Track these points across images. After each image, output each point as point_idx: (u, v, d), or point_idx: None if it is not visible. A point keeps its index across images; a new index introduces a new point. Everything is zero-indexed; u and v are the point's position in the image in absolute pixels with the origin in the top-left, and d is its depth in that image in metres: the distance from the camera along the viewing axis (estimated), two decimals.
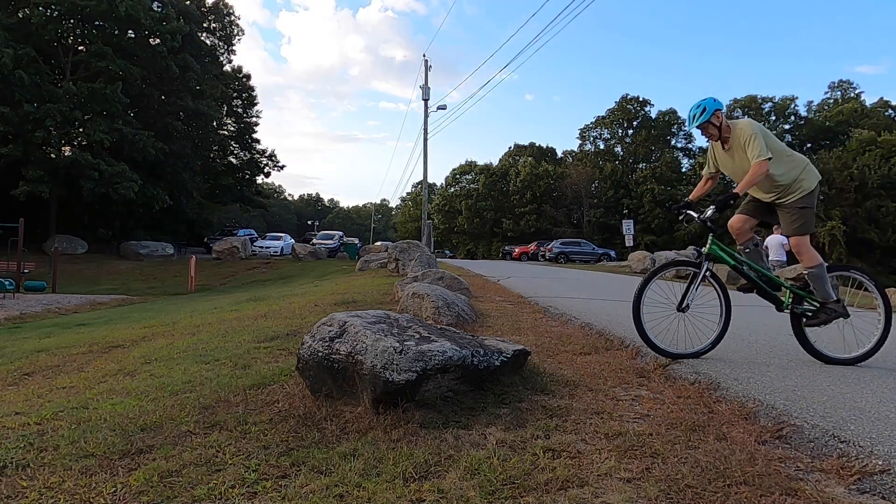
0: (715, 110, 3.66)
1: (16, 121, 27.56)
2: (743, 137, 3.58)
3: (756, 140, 3.51)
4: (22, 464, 1.98)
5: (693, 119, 3.70)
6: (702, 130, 3.74)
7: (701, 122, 3.66)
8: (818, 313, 3.68)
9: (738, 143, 3.64)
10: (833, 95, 62.64)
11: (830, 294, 3.67)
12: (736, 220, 3.87)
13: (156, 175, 34.44)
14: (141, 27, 31.54)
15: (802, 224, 3.65)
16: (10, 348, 6.53)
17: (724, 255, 3.67)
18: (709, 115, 3.64)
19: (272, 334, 4.50)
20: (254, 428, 2.27)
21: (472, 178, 67.32)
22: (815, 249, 3.68)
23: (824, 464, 1.99)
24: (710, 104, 3.66)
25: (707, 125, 3.68)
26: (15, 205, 28.57)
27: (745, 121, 3.71)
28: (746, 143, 3.56)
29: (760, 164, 3.48)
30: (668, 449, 2.05)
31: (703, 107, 3.67)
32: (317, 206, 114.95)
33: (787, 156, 3.71)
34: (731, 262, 3.69)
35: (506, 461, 1.93)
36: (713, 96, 3.71)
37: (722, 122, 3.70)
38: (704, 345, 3.63)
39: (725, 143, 3.73)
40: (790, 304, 3.73)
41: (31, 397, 3.30)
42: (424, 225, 28.14)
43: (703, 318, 3.67)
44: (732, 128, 3.68)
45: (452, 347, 2.51)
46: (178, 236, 40.22)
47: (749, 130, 3.57)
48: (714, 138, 3.75)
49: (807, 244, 3.64)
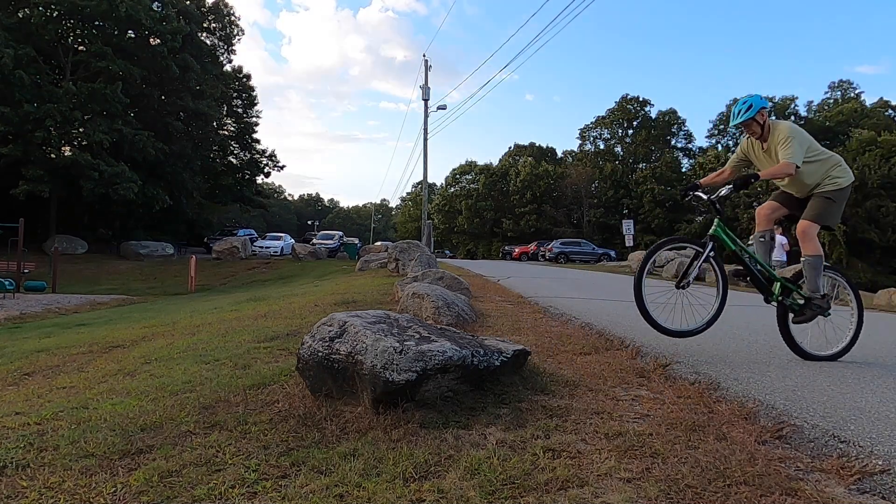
0: (760, 108, 3.67)
1: (16, 121, 27.57)
2: (780, 138, 3.62)
3: (791, 143, 3.56)
4: (22, 464, 1.98)
5: (737, 115, 3.71)
6: (745, 128, 3.75)
7: (746, 118, 3.67)
8: (804, 309, 3.72)
9: (774, 143, 3.68)
10: (833, 95, 62.66)
11: (819, 288, 3.70)
12: (766, 206, 3.92)
13: (156, 175, 34.45)
14: (141, 27, 31.55)
15: (822, 213, 3.67)
16: (10, 348, 6.53)
17: (726, 239, 3.68)
18: (754, 113, 3.66)
19: (272, 334, 4.50)
20: (254, 428, 2.27)
21: (472, 178, 67.33)
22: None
23: (824, 464, 1.99)
24: (758, 101, 3.68)
25: (751, 122, 3.70)
26: (15, 205, 28.58)
27: (785, 122, 3.75)
28: (781, 144, 3.60)
29: (789, 165, 3.53)
30: (668, 449, 2.05)
31: (749, 104, 3.68)
32: (317, 206, 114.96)
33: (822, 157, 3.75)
34: (732, 246, 3.70)
35: (506, 461, 1.93)
36: (760, 94, 3.75)
37: (766, 120, 3.72)
38: (700, 324, 3.66)
39: (765, 142, 3.76)
40: (779, 296, 3.76)
41: (31, 397, 3.30)
42: (424, 225, 28.14)
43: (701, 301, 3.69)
44: (773, 128, 3.71)
45: (452, 347, 2.51)
46: (178, 236, 40.23)
47: (787, 133, 3.62)
48: (756, 136, 3.77)
49: (815, 232, 3.65)
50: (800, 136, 3.63)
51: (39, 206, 30.86)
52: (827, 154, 3.81)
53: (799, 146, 3.57)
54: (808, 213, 3.69)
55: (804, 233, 3.65)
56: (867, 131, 50.70)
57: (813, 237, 3.65)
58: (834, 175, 3.71)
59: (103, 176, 29.18)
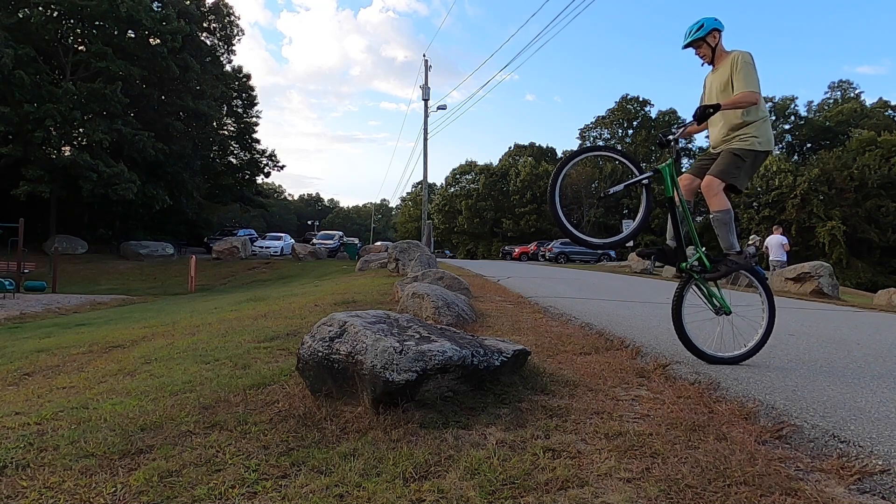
0: (713, 28, 3.45)
1: (16, 121, 27.59)
2: (737, 65, 3.38)
3: (750, 70, 3.34)
4: (22, 464, 1.98)
5: (688, 34, 3.49)
6: (696, 49, 3.53)
7: (696, 37, 3.46)
8: (719, 265, 3.48)
9: (726, 69, 3.44)
10: (833, 95, 62.72)
11: (734, 244, 3.50)
12: (684, 177, 3.70)
13: (156, 175, 34.48)
14: (141, 27, 31.56)
15: (729, 169, 3.42)
16: (10, 348, 6.53)
17: (668, 181, 3.42)
18: (705, 33, 3.45)
19: (272, 334, 4.50)
20: (254, 428, 2.27)
21: (472, 178, 67.37)
22: (815, 249, 3.59)
23: (824, 464, 1.99)
24: (710, 22, 3.46)
25: (701, 43, 3.48)
26: (15, 205, 28.61)
27: (743, 50, 3.46)
28: (736, 71, 3.35)
29: (751, 94, 3.30)
30: (668, 449, 2.05)
31: (701, 23, 3.46)
32: (317, 206, 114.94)
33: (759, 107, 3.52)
34: (671, 192, 3.44)
35: (506, 461, 1.93)
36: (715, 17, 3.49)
37: (718, 43, 3.50)
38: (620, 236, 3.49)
39: (715, 67, 3.55)
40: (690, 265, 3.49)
41: (31, 397, 3.30)
42: (424, 225, 28.15)
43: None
44: (727, 54, 3.49)
45: (452, 347, 2.51)
46: (178, 236, 40.25)
47: (745, 59, 3.38)
48: (707, 59, 3.55)
49: (720, 188, 3.41)
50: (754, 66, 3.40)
51: (39, 206, 30.86)
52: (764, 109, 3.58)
53: (754, 73, 3.33)
54: (715, 168, 3.46)
55: (708, 187, 3.41)
56: (867, 131, 50.73)
57: (718, 192, 3.41)
58: (753, 134, 3.46)
59: (102, 176, 29.19)
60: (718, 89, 3.51)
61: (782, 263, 14.90)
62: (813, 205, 45.61)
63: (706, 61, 3.58)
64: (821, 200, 45.96)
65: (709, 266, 3.51)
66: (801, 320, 6.35)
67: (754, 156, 3.48)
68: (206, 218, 44.93)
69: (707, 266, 3.51)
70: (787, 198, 46.79)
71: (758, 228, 41.26)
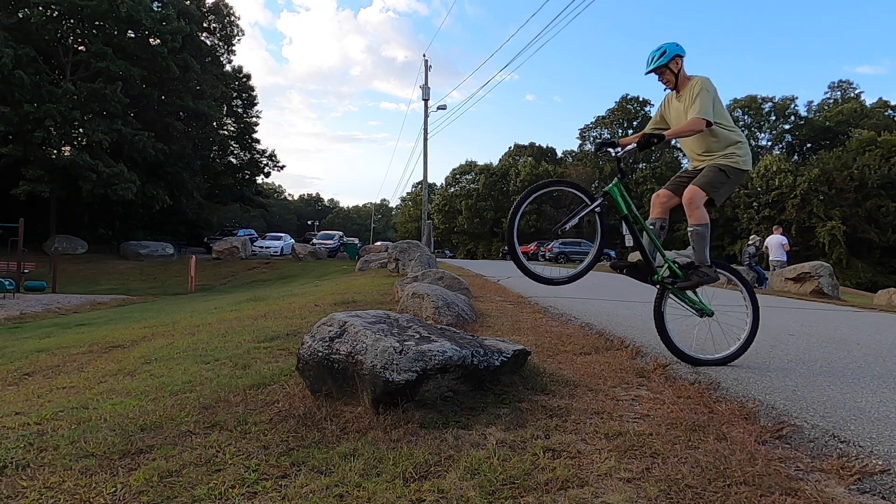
0: (675, 55, 3.46)
1: (16, 121, 27.60)
2: (695, 90, 3.40)
3: (705, 97, 3.34)
4: (22, 464, 1.98)
5: (651, 61, 3.50)
6: (659, 75, 3.54)
7: (659, 64, 3.47)
8: (690, 275, 3.48)
9: (687, 95, 3.47)
10: (833, 95, 62.70)
11: (707, 259, 3.50)
12: (661, 193, 3.69)
13: (156, 175, 34.48)
14: (141, 27, 31.56)
15: (713, 182, 3.42)
16: (10, 348, 6.53)
17: (620, 201, 3.42)
18: (668, 59, 3.46)
19: (272, 334, 4.50)
20: (254, 428, 2.27)
21: (472, 178, 67.37)
22: (815, 249, 3.58)
23: (824, 464, 1.99)
24: (672, 48, 3.47)
25: (664, 70, 3.49)
26: (15, 205, 28.61)
27: (701, 76, 3.48)
28: (694, 97, 3.37)
29: (698, 122, 3.31)
30: (668, 449, 2.05)
31: (664, 49, 3.47)
32: (317, 206, 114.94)
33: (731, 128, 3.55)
34: (624, 210, 3.43)
35: (506, 461, 1.93)
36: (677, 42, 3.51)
37: (680, 69, 3.52)
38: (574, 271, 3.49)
39: (679, 95, 3.56)
40: (662, 278, 3.51)
41: (31, 397, 3.30)
42: (424, 225, 28.15)
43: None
44: (688, 79, 3.51)
45: (452, 347, 2.51)
46: (178, 236, 40.25)
47: (702, 85, 3.40)
48: (670, 85, 3.57)
49: (702, 201, 3.42)
50: (713, 92, 3.41)
51: (39, 206, 30.87)
52: (735, 128, 3.60)
53: (710, 102, 3.33)
54: (700, 180, 3.45)
55: (691, 200, 3.39)
56: (867, 131, 50.70)
57: (700, 205, 3.41)
58: (736, 152, 3.49)
59: (102, 176, 29.18)
60: (682, 115, 3.53)
61: (782, 263, 14.90)
62: (813, 205, 45.60)
63: (669, 87, 3.60)
64: (821, 200, 45.97)
65: (680, 275, 3.53)
66: (801, 320, 6.35)
67: (737, 174, 3.51)
68: (206, 218, 44.93)
69: (679, 275, 3.53)
70: (787, 198, 46.78)
71: (758, 228, 41.24)
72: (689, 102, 3.43)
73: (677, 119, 3.57)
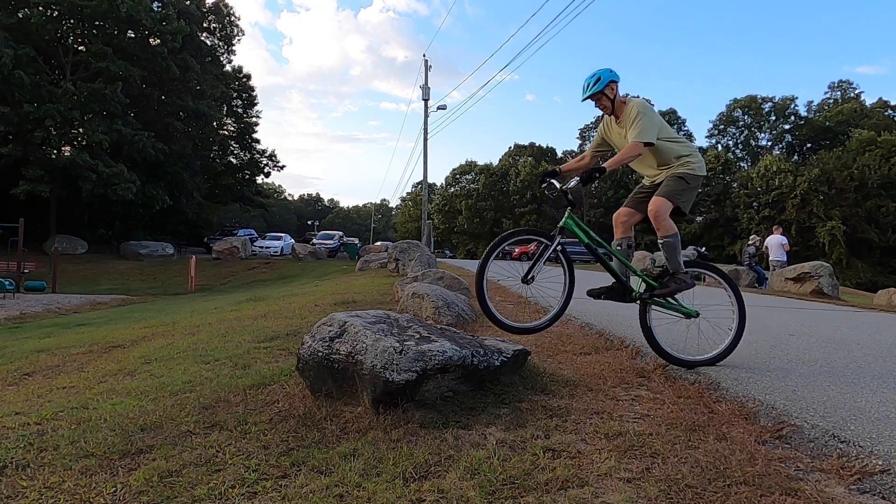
0: (610, 81, 3.48)
1: (16, 121, 27.59)
2: (632, 115, 3.44)
3: (642, 120, 3.38)
4: (22, 464, 1.98)
5: (586, 89, 3.52)
6: (595, 102, 3.55)
7: (594, 91, 3.48)
8: (668, 282, 3.51)
9: (627, 120, 3.50)
10: (833, 95, 62.71)
11: (680, 265, 3.53)
12: (622, 212, 3.70)
13: (156, 175, 34.47)
14: (141, 27, 31.54)
15: (675, 191, 3.45)
16: (10, 348, 6.53)
17: (578, 232, 3.46)
18: (603, 86, 3.47)
19: (272, 334, 4.50)
20: (254, 428, 2.27)
21: (472, 178, 67.40)
22: (815, 249, 3.59)
23: (824, 464, 1.99)
24: (606, 74, 3.49)
25: (600, 96, 3.51)
26: (15, 205, 28.60)
27: (637, 100, 3.54)
28: (632, 121, 3.41)
29: (637, 146, 3.35)
30: (668, 449, 2.05)
31: (598, 76, 3.48)
32: (317, 206, 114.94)
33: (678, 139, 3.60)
34: (584, 239, 3.48)
35: (506, 461, 1.93)
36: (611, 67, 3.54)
37: (616, 95, 3.53)
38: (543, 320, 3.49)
39: (618, 117, 3.58)
40: (639, 294, 3.54)
41: (31, 397, 3.30)
42: (424, 225, 28.14)
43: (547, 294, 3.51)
44: (626, 103, 3.54)
45: (452, 347, 2.51)
46: (178, 236, 40.24)
47: (639, 109, 3.43)
48: (607, 111, 3.58)
49: (667, 212, 3.44)
50: (650, 114, 3.45)
51: (39, 206, 30.86)
52: (682, 139, 3.64)
53: (649, 124, 3.38)
54: (663, 190, 3.46)
55: (657, 212, 3.42)
56: (867, 131, 50.69)
57: (666, 217, 3.42)
58: (690, 160, 3.53)
59: (102, 176, 29.17)
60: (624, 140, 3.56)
61: (782, 263, 14.89)
62: (813, 205, 45.61)
63: (606, 112, 3.62)
64: (821, 200, 45.97)
65: (655, 284, 3.56)
66: (801, 320, 6.35)
67: (695, 179, 3.56)
68: (206, 218, 44.92)
69: (654, 285, 3.56)
70: (787, 198, 46.80)
71: (758, 228, 41.25)
72: (628, 127, 3.48)
73: (619, 143, 3.61)
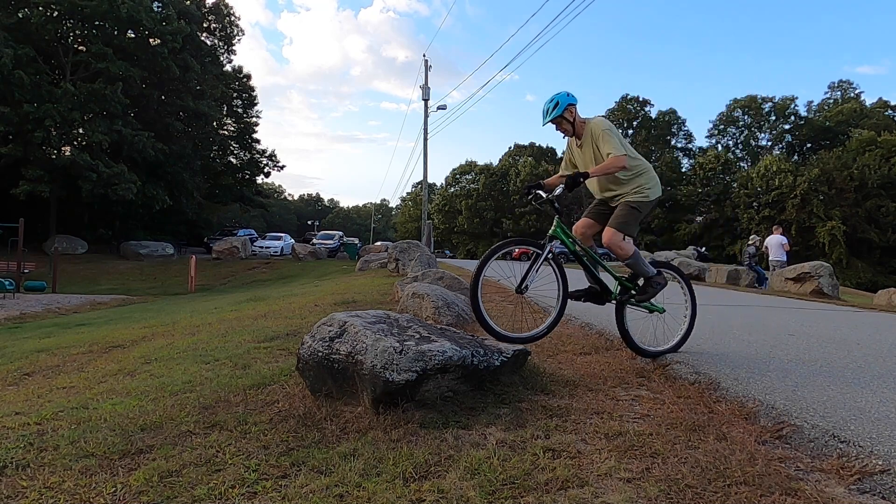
0: (568, 105, 3.57)
1: (16, 121, 27.58)
2: (596, 134, 3.54)
3: (611, 136, 3.49)
4: (22, 464, 1.98)
5: (546, 114, 3.61)
6: (556, 126, 3.64)
7: (554, 116, 3.58)
8: (645, 288, 3.69)
9: (589, 139, 3.59)
10: (833, 95, 62.65)
11: (650, 270, 3.69)
12: (581, 224, 3.82)
13: (156, 175, 34.46)
14: (141, 28, 31.54)
15: (626, 222, 3.60)
16: (10, 348, 6.53)
17: (566, 239, 3.59)
18: (561, 110, 3.56)
19: (272, 334, 4.50)
20: (254, 428, 2.27)
21: (472, 178, 67.38)
22: (815, 249, 3.65)
23: (824, 464, 1.99)
24: (564, 99, 3.58)
25: (561, 120, 3.60)
26: (15, 205, 28.59)
27: (598, 118, 3.66)
28: (599, 140, 3.52)
29: (620, 158, 3.45)
30: (668, 449, 2.05)
31: (556, 101, 3.58)
32: (317, 206, 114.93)
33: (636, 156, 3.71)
34: (572, 247, 3.61)
35: (506, 461, 1.93)
36: (567, 91, 3.63)
37: (575, 117, 3.63)
38: (541, 328, 3.54)
39: (579, 138, 3.67)
40: (617, 295, 3.71)
41: (31, 397, 3.30)
42: (424, 225, 28.14)
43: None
44: (586, 124, 3.63)
45: (452, 347, 2.51)
46: (178, 236, 40.23)
47: (602, 127, 3.54)
48: (568, 133, 3.68)
49: (619, 239, 3.58)
50: (614, 130, 3.56)
51: (39, 206, 30.85)
52: (640, 158, 3.76)
53: (617, 137, 3.50)
54: (614, 221, 3.62)
55: (611, 243, 3.58)
56: (867, 131, 50.67)
57: (621, 244, 3.58)
58: (644, 186, 3.66)
59: (102, 177, 29.16)
60: (589, 158, 3.65)
61: (782, 263, 14.89)
62: (813, 205, 45.60)
63: (567, 135, 3.71)
64: (821, 200, 45.96)
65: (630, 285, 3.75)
66: (801, 320, 6.35)
67: (647, 205, 3.69)
68: (206, 218, 44.91)
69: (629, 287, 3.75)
70: (787, 198, 46.79)
71: (758, 228, 41.25)
72: (595, 146, 3.57)
73: (584, 164, 3.70)
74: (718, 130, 63.55)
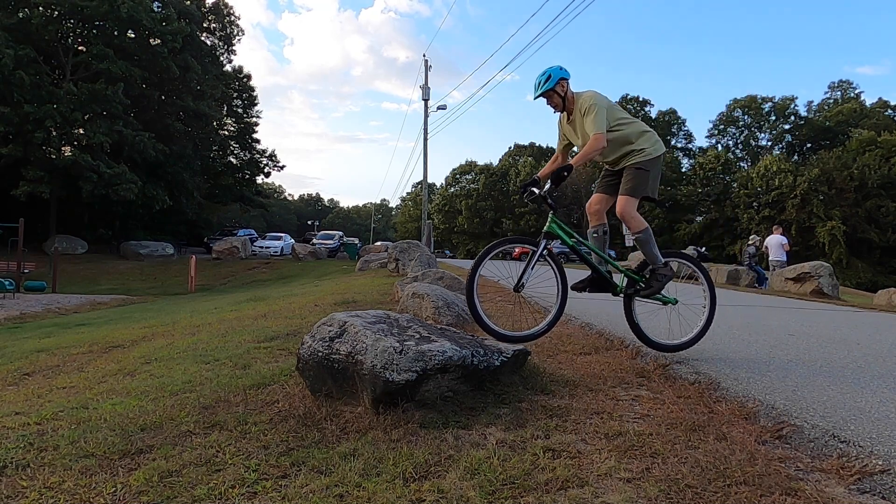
0: (560, 78, 3.51)
1: (16, 121, 27.58)
2: (584, 108, 3.47)
3: (596, 112, 3.40)
4: (22, 464, 1.98)
5: (538, 87, 3.55)
6: (547, 99, 3.59)
7: (545, 89, 3.52)
8: (651, 282, 3.60)
9: (579, 113, 3.53)
10: (833, 95, 62.69)
11: (659, 258, 3.59)
12: (594, 199, 3.74)
13: (156, 175, 34.48)
14: (142, 28, 31.54)
15: (638, 184, 3.53)
16: (10, 348, 6.53)
17: (562, 234, 3.52)
18: (553, 83, 3.50)
19: (272, 334, 4.50)
20: (254, 428, 2.27)
21: (472, 178, 67.42)
22: (815, 249, 3.63)
23: (824, 464, 1.98)
24: (556, 72, 3.52)
25: (552, 94, 3.54)
26: (15, 205, 28.60)
27: (588, 91, 3.56)
28: (586, 115, 3.44)
29: (598, 138, 3.37)
30: (668, 449, 2.05)
31: (548, 74, 3.52)
32: (317, 206, 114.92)
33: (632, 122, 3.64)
34: (569, 241, 3.54)
35: (506, 461, 1.93)
36: (560, 65, 3.56)
37: (567, 91, 3.56)
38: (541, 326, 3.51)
39: (570, 113, 3.61)
40: (624, 288, 3.64)
41: (31, 397, 3.30)
42: (424, 225, 28.14)
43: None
44: (576, 98, 3.56)
45: (452, 347, 2.51)
46: (178, 236, 40.25)
47: (590, 101, 3.45)
48: (559, 108, 3.62)
49: (633, 208, 3.50)
50: (601, 102, 3.47)
51: (39, 206, 30.86)
52: (636, 121, 3.67)
53: (603, 113, 3.42)
54: (623, 187, 3.54)
55: (624, 211, 3.49)
56: (867, 131, 50.69)
57: (634, 213, 3.49)
58: (644, 146, 3.59)
59: (102, 177, 29.17)
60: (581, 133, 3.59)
61: (782, 263, 14.89)
62: (813, 205, 45.61)
63: (558, 110, 3.65)
64: (821, 200, 45.97)
65: (638, 278, 3.68)
66: (801, 320, 6.35)
67: (654, 162, 3.63)
68: (206, 218, 44.92)
69: (637, 278, 3.68)
70: (787, 198, 46.80)
71: (758, 228, 41.24)
72: (582, 121, 3.50)
73: (574, 138, 3.67)
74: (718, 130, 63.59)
